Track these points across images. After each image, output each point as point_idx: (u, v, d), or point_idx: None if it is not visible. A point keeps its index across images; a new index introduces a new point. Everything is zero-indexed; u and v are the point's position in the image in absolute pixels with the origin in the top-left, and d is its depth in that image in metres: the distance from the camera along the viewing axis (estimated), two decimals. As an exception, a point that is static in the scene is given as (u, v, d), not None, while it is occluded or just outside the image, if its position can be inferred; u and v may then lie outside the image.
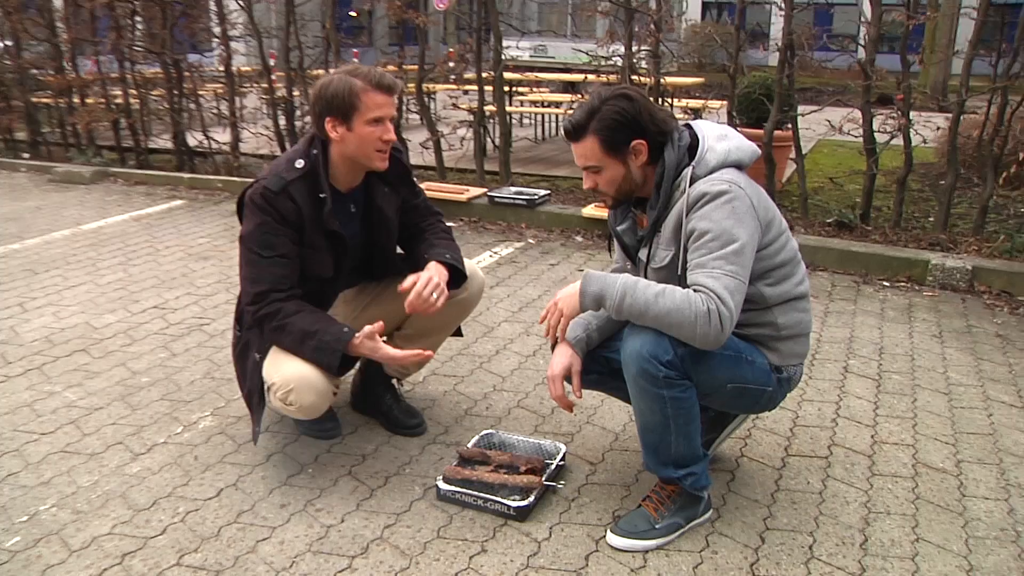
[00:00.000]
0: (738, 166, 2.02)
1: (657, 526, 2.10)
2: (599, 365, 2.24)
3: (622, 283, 1.92)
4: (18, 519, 2.23)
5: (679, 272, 1.99)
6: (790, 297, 2.07)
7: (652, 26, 5.49)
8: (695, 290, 1.87)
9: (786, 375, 2.13)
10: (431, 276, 2.32)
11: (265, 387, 2.31)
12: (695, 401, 2.01)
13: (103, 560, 2.06)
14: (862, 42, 4.89)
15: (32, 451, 2.58)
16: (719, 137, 2.03)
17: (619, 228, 2.19)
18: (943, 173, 7.00)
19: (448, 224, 2.67)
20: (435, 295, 2.31)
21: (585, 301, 1.98)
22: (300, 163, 2.28)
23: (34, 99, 8.36)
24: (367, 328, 2.21)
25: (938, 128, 6.08)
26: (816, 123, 5.17)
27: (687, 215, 1.94)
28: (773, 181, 5.33)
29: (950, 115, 4.87)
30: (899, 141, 4.95)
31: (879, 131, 4.89)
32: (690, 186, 1.95)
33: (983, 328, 3.75)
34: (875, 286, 4.32)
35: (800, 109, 5.17)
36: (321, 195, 2.29)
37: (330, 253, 2.36)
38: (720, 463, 2.50)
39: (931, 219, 5.47)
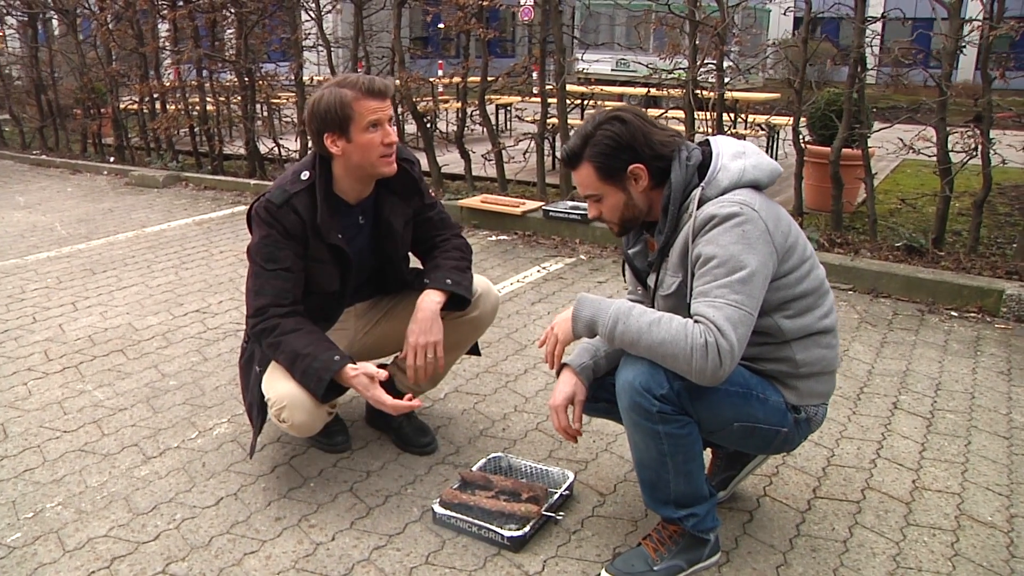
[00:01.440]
0: (755, 186, 1.87)
1: (655, 568, 1.96)
2: (608, 393, 2.11)
3: (615, 309, 1.80)
4: (24, 515, 2.27)
5: (688, 300, 1.86)
6: (812, 332, 1.90)
7: (716, 38, 5.32)
8: (695, 320, 1.73)
9: (804, 416, 1.95)
10: (416, 341, 2.29)
11: (265, 400, 2.29)
12: (696, 438, 1.87)
13: (93, 562, 2.06)
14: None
15: (52, 448, 2.63)
16: (735, 155, 1.88)
17: (630, 252, 2.08)
18: (1032, 196, 6.58)
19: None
20: (431, 356, 2.30)
21: (577, 327, 1.87)
22: (306, 175, 2.26)
23: (121, 106, 8.75)
24: (371, 369, 2.17)
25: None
26: (897, 142, 4.89)
27: (693, 239, 1.80)
28: (840, 202, 5.08)
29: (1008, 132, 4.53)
30: (977, 161, 4.63)
31: (954, 150, 4.58)
32: (698, 208, 1.81)
33: (1059, 367, 3.45)
34: (941, 316, 4.04)
35: (877, 127, 4.90)
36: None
37: (336, 267, 2.32)
38: (739, 502, 2.34)
39: (1015, 246, 5.10)
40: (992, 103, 4.49)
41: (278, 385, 2.21)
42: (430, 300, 2.34)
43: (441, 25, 6.79)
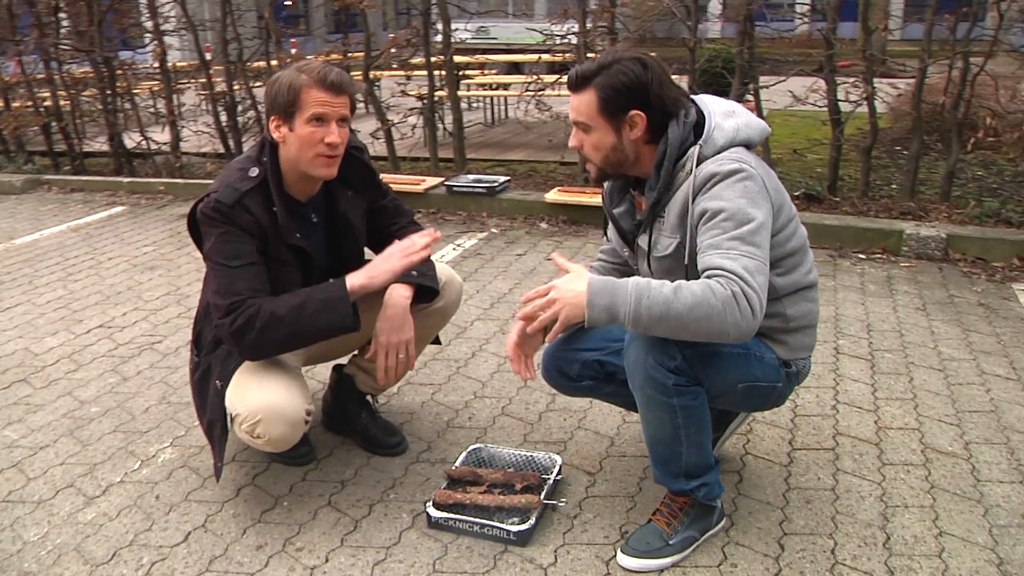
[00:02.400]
0: (747, 145, 1.85)
1: (671, 542, 1.94)
2: (591, 370, 2.07)
3: (633, 288, 1.67)
4: (-42, 586, 1.99)
5: (686, 261, 1.80)
6: (800, 287, 1.92)
7: (607, 1, 5.32)
8: (711, 275, 1.65)
9: (795, 369, 1.98)
10: (387, 340, 2.14)
11: (229, 417, 2.10)
12: (706, 408, 1.85)
13: (59, 627, 1.83)
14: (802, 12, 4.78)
15: (-29, 502, 2.33)
16: (726, 114, 1.85)
17: (616, 211, 2.01)
18: (898, 139, 7.01)
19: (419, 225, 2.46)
20: (402, 355, 2.17)
21: (594, 313, 1.67)
22: (254, 171, 2.06)
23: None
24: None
25: (899, 94, 6.04)
26: (777, 94, 5.05)
27: (694, 198, 1.76)
28: (738, 156, 5.22)
29: (890, 80, 4.79)
30: (861, 108, 4.86)
31: (843, 100, 4.79)
32: (697, 166, 1.77)
33: (964, 298, 3.69)
34: (851, 259, 4.24)
35: (763, 81, 5.04)
36: (274, 208, 2.07)
37: (297, 269, 2.15)
38: (726, 463, 2.35)
39: (894, 186, 5.42)
40: (873, 55, 4.72)
41: (248, 397, 2.02)
42: (399, 295, 2.19)
43: (289, 2, 6.49)
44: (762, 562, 1.95)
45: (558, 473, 2.25)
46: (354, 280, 2.07)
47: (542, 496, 2.12)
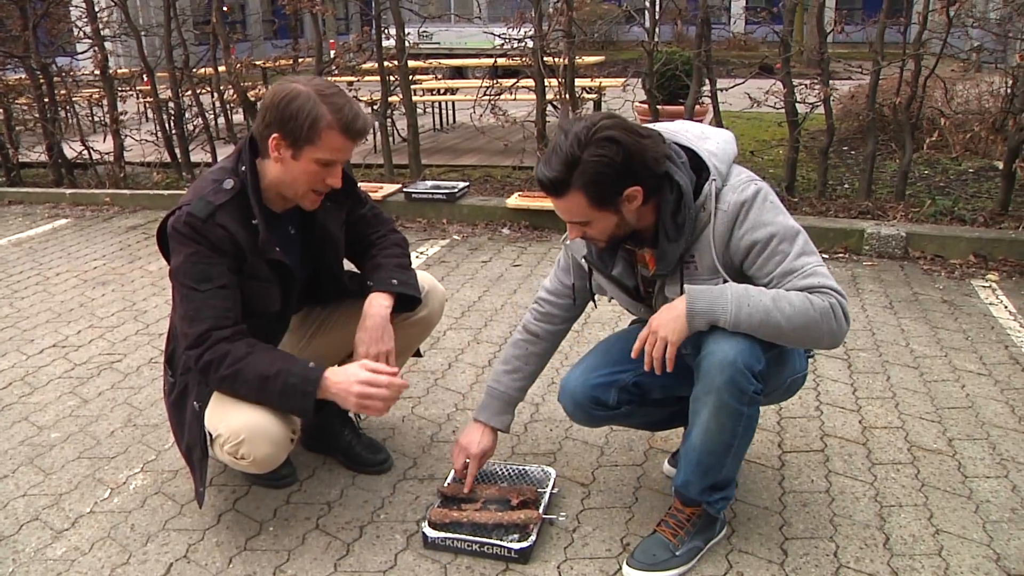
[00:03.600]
0: (734, 159, 1.84)
1: (677, 553, 1.91)
2: (628, 394, 2.02)
3: (733, 293, 1.68)
4: (-81, 632, 1.84)
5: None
6: None
7: (563, 4, 5.30)
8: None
9: (812, 355, 2.07)
10: (367, 352, 2.06)
11: (209, 439, 1.99)
12: (758, 419, 1.84)
13: (37, 674, 1.71)
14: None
15: (-74, 541, 2.16)
16: (702, 137, 1.82)
17: (615, 273, 1.92)
18: (845, 139, 7.18)
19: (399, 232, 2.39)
20: (387, 363, 2.08)
21: (695, 321, 1.70)
22: (229, 183, 1.94)
23: None
24: (353, 371, 1.91)
25: (852, 95, 6.17)
26: (732, 96, 5.10)
27: (732, 232, 1.73)
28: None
29: (834, 81, 4.89)
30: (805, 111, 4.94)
31: (800, 101, 4.86)
32: (718, 203, 1.73)
33: (928, 295, 3.76)
34: (815, 259, 4.29)
35: (720, 83, 5.08)
36: (254, 221, 1.96)
37: (277, 285, 2.04)
38: (718, 469, 2.33)
39: (847, 186, 5.53)
40: (828, 57, 4.80)
41: (230, 418, 1.91)
42: (379, 305, 2.12)
43: (226, 8, 6.34)
44: (768, 568, 1.94)
45: (553, 486, 2.20)
46: (330, 380, 1.89)
47: (541, 510, 2.06)
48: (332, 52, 6.71)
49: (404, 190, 5.59)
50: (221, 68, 6.22)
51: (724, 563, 1.96)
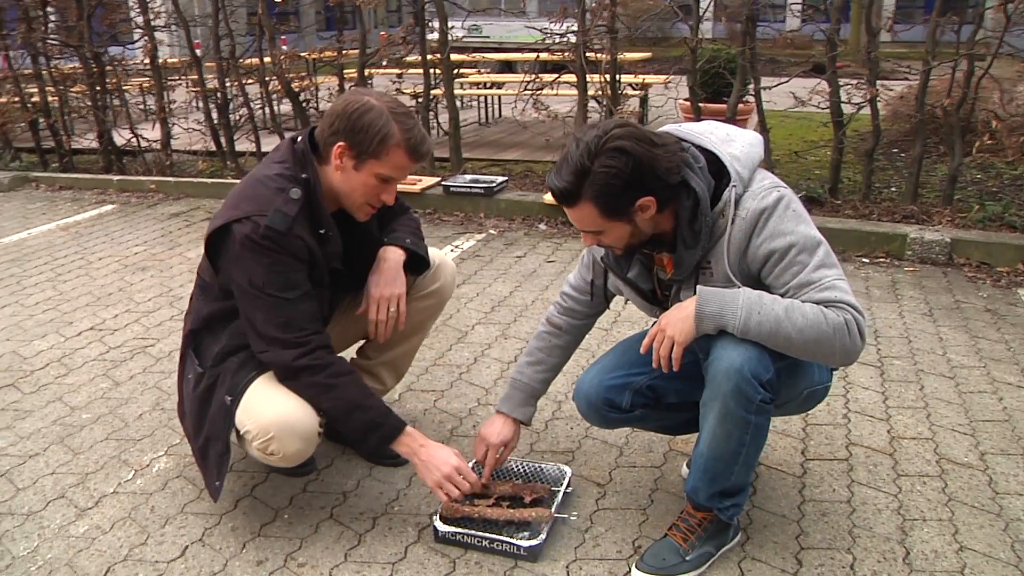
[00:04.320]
0: (759, 163, 1.79)
1: (688, 558, 1.88)
2: (643, 397, 2.00)
3: (745, 300, 1.64)
4: (-56, 603, 1.91)
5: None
6: None
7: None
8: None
9: (836, 367, 1.97)
10: (379, 294, 2.15)
11: (236, 434, 2.02)
12: (768, 428, 1.80)
13: (51, 649, 1.75)
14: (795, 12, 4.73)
15: (-43, 514, 2.24)
16: (725, 140, 1.77)
17: (630, 276, 1.90)
18: (894, 141, 6.98)
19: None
20: (393, 310, 2.15)
21: (704, 324, 1.67)
22: (296, 193, 1.94)
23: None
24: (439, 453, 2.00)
25: (897, 96, 6.01)
26: (777, 95, 5.00)
27: (750, 240, 1.68)
28: (738, 158, 5.16)
29: (883, 82, 4.75)
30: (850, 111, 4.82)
31: (846, 101, 4.74)
32: (737, 209, 1.69)
33: (971, 303, 3.64)
34: (855, 263, 4.19)
35: (765, 82, 4.99)
36: (321, 231, 2.00)
37: (329, 291, 2.09)
38: (738, 475, 2.29)
39: (893, 189, 5.39)
40: (877, 57, 4.67)
41: (258, 414, 1.93)
42: (392, 253, 2.19)
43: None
44: (781, 579, 1.90)
45: (568, 485, 2.19)
46: (412, 441, 1.99)
47: (553, 509, 2.05)
48: (388, 44, 6.77)
49: (443, 183, 5.61)
50: (267, 59, 6.30)
51: (736, 570, 1.92)
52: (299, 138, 2.04)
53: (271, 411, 1.93)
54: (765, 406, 1.72)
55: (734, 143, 1.76)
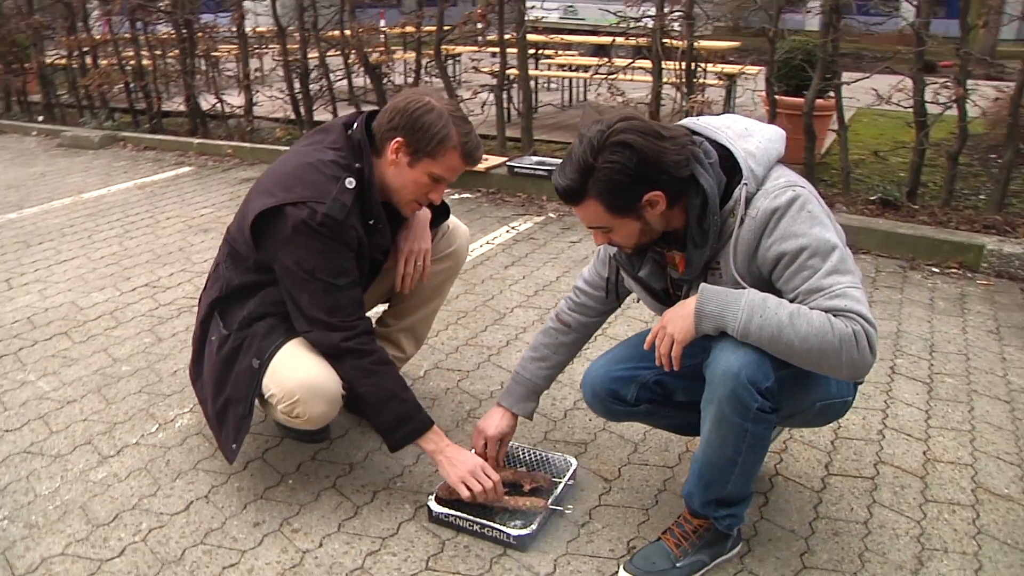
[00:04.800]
0: (778, 159, 1.70)
1: (678, 564, 1.82)
2: (650, 392, 1.95)
3: (748, 302, 1.57)
4: (-34, 532, 2.02)
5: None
6: None
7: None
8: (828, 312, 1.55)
9: (862, 381, 1.85)
10: (409, 247, 2.24)
11: (263, 397, 2.06)
12: (770, 438, 1.72)
13: (50, 587, 1.83)
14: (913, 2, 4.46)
15: (-7, 450, 2.37)
16: (742, 135, 1.68)
17: (642, 274, 1.84)
18: (994, 146, 6.55)
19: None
20: (419, 264, 2.25)
21: (703, 324, 1.61)
22: (351, 182, 1.97)
23: (47, 60, 8.14)
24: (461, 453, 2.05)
25: (996, 98, 5.65)
26: (859, 91, 4.76)
27: (760, 242, 1.61)
28: (813, 154, 4.96)
29: (995, 83, 4.44)
30: (951, 112, 4.54)
31: (931, 101, 4.48)
32: (747, 208, 1.61)
33: (1046, 323, 3.40)
34: (923, 272, 3.97)
35: (845, 77, 4.76)
36: (371, 222, 2.04)
37: (366, 280, 2.15)
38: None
39: (982, 197, 5.07)
40: (968, 54, 4.39)
41: (283, 377, 1.98)
42: (422, 213, 2.26)
43: None
44: (775, 596, 1.82)
45: (570, 477, 2.15)
46: (439, 439, 2.02)
47: (549, 501, 2.02)
48: (477, 22, 6.77)
49: (508, 163, 5.58)
50: (348, 31, 6.39)
51: (730, 582, 1.85)
52: (355, 124, 2.06)
53: (296, 375, 1.97)
54: (763, 415, 1.63)
55: (751, 138, 1.67)
